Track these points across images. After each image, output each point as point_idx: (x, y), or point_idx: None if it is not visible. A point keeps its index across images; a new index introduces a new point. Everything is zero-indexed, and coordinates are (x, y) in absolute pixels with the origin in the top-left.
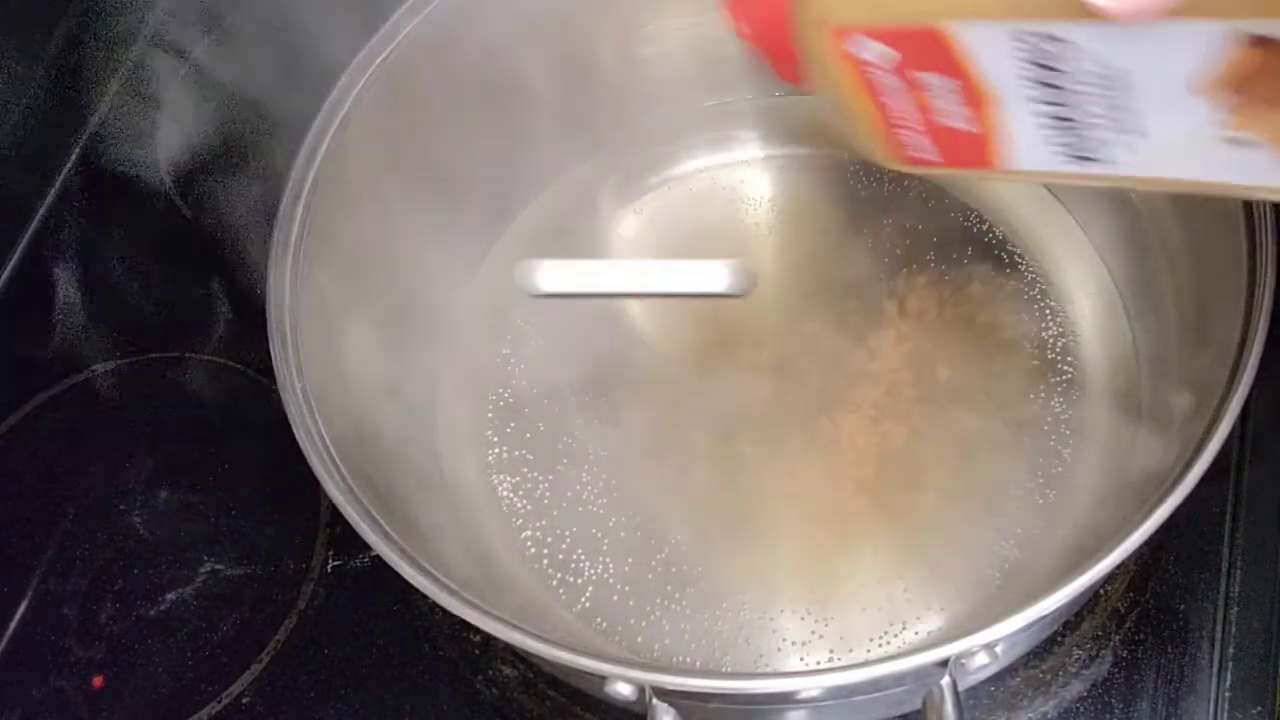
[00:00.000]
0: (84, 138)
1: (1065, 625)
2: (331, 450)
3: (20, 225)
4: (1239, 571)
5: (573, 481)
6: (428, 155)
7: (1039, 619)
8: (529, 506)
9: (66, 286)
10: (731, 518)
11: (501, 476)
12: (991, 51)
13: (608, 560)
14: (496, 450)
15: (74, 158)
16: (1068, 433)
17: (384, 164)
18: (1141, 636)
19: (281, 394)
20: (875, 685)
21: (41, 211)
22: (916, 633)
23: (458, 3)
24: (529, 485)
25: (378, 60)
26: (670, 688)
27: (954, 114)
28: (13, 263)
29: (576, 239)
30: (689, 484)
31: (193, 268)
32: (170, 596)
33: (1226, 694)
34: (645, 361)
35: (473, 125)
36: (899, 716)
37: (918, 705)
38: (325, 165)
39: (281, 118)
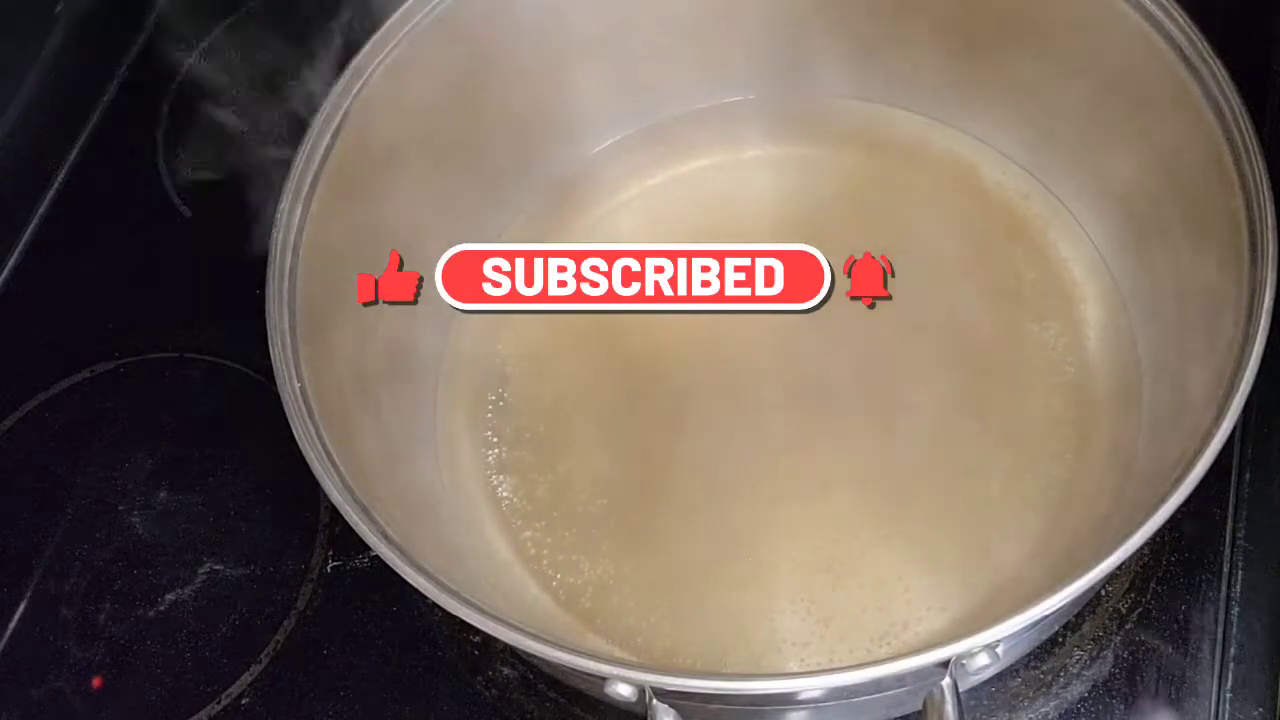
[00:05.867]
0: (83, 136)
1: (1066, 626)
2: (330, 450)
3: (20, 225)
4: (1239, 572)
5: (573, 481)
6: (425, 158)
7: (1040, 619)
8: (529, 506)
9: (66, 286)
10: (732, 518)
11: (501, 476)
12: None
13: (608, 560)
14: (496, 450)
15: (73, 156)
16: (1069, 433)
17: (382, 166)
18: (1142, 637)
19: (281, 394)
20: (876, 686)
21: (41, 211)
22: (917, 633)
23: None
24: (529, 485)
25: (366, 73)
26: (670, 688)
27: None
28: (12, 262)
29: (575, 237)
30: (689, 484)
31: (192, 267)
32: (169, 597)
33: (1227, 695)
34: (646, 362)
35: (469, 128)
36: (900, 717)
37: (918, 706)
38: (323, 168)
39: (283, 116)
